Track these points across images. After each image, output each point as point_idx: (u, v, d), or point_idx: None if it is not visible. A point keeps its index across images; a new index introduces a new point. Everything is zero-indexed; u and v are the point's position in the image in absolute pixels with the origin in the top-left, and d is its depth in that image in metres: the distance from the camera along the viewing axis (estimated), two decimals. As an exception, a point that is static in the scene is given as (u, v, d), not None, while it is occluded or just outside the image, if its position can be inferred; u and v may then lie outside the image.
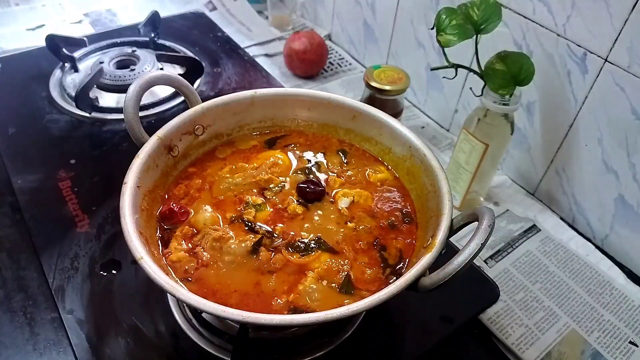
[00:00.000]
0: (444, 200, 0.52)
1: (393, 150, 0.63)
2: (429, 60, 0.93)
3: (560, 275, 0.71)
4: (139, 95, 0.56)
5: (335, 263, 0.52)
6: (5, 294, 0.62)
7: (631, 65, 0.63)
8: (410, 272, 0.44)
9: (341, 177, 0.62)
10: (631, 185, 0.69)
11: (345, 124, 0.66)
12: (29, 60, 0.99)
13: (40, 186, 0.75)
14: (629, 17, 0.62)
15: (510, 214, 0.80)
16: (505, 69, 0.65)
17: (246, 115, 0.65)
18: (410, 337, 0.61)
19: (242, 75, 1.01)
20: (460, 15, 0.66)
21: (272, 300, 0.48)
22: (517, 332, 0.64)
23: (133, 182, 0.51)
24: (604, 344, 0.64)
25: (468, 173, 0.75)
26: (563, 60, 0.70)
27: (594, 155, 0.72)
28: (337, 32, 1.17)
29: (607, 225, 0.75)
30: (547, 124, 0.77)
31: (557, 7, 0.68)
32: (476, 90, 0.71)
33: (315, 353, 0.56)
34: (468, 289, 0.63)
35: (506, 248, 0.75)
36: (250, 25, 1.21)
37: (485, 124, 0.71)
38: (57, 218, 0.70)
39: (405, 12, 0.94)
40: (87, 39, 1.00)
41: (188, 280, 0.49)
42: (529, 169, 0.83)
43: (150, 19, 1.04)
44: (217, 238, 0.52)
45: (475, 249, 0.43)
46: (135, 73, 0.92)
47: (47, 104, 0.90)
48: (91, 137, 0.85)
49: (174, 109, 0.91)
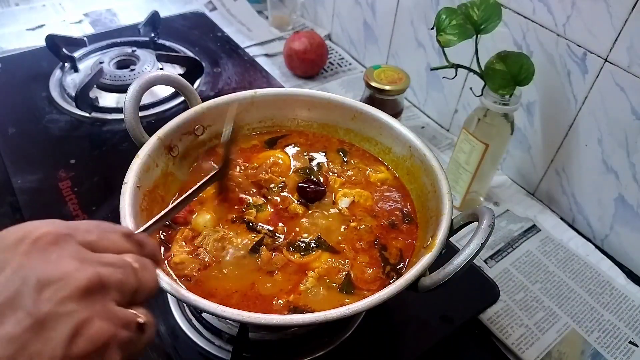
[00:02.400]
0: (444, 200, 0.52)
1: (393, 150, 0.63)
2: (429, 60, 0.93)
3: (560, 275, 0.71)
4: (139, 95, 0.56)
5: (336, 263, 0.52)
6: (5, 294, 0.62)
7: (631, 65, 0.63)
8: (410, 272, 0.44)
9: (341, 177, 0.62)
10: (631, 185, 0.69)
11: (345, 124, 0.66)
12: (29, 60, 0.99)
13: (40, 186, 0.75)
14: (629, 17, 0.62)
15: (510, 214, 0.80)
16: (505, 69, 0.65)
17: (246, 115, 0.65)
18: (410, 337, 0.61)
19: (242, 75, 1.01)
20: (460, 15, 0.66)
21: (273, 300, 0.48)
22: (517, 332, 0.64)
23: (133, 182, 0.51)
24: (603, 344, 0.64)
25: (468, 173, 0.75)
26: (563, 60, 0.70)
27: (594, 155, 0.72)
28: (337, 32, 1.17)
29: (607, 225, 0.75)
30: (547, 124, 0.77)
31: (557, 7, 0.68)
32: (476, 90, 0.71)
33: (316, 353, 0.56)
34: (468, 289, 0.63)
35: (506, 248, 0.75)
36: (250, 25, 1.21)
37: (485, 124, 0.71)
38: (58, 218, 0.70)
39: (405, 12, 0.94)
40: (87, 39, 1.00)
41: (188, 281, 0.49)
42: (529, 169, 0.83)
43: (150, 19, 1.04)
44: (218, 238, 0.52)
45: (475, 249, 0.43)
46: (135, 73, 0.92)
47: (47, 104, 0.90)
48: (91, 137, 0.85)
49: (174, 109, 0.91)
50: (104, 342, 0.26)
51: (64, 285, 0.26)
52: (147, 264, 0.33)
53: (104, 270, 0.28)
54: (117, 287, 0.29)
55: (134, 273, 0.30)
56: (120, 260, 0.30)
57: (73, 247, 0.29)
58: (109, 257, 0.30)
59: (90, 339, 0.25)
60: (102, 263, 0.29)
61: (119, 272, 0.29)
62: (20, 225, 0.29)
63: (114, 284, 0.28)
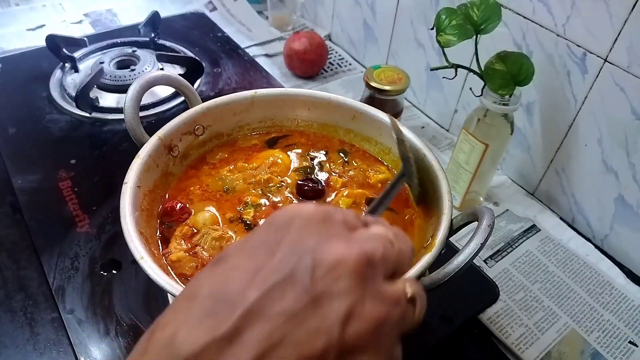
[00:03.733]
0: (443, 200, 0.52)
1: (393, 150, 0.63)
2: (428, 61, 0.93)
3: (560, 275, 0.71)
4: (139, 96, 0.56)
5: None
6: (6, 294, 0.62)
7: (631, 66, 0.63)
8: (410, 272, 0.44)
9: (343, 177, 0.62)
10: (631, 185, 0.69)
11: (345, 124, 0.66)
12: (29, 60, 0.99)
13: (40, 186, 0.75)
14: (628, 17, 0.62)
15: (510, 213, 0.80)
16: (505, 69, 0.65)
17: (246, 116, 0.65)
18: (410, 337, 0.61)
19: (242, 75, 1.02)
20: (460, 16, 0.66)
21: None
22: (516, 332, 0.64)
23: (133, 182, 0.51)
24: (603, 343, 0.64)
25: (468, 173, 0.75)
26: (563, 60, 0.70)
27: (594, 155, 0.72)
28: (337, 32, 1.17)
29: (606, 225, 0.75)
30: (546, 124, 0.77)
31: (557, 7, 0.69)
32: (476, 91, 0.71)
33: (315, 353, 0.56)
34: (468, 289, 0.63)
35: (506, 248, 0.75)
36: (250, 26, 1.22)
37: (485, 124, 0.71)
38: (57, 218, 0.70)
39: (405, 12, 0.94)
40: (87, 39, 1.00)
41: (188, 280, 0.49)
42: (529, 169, 0.83)
43: (151, 19, 1.05)
44: (216, 237, 0.52)
45: (475, 249, 0.43)
46: (135, 73, 0.92)
47: (47, 104, 0.90)
48: (91, 137, 0.85)
49: (174, 109, 0.91)
50: (379, 323, 0.25)
51: (337, 265, 0.25)
52: (399, 232, 0.31)
53: (368, 247, 0.27)
54: (382, 263, 0.28)
55: (392, 244, 0.29)
56: (376, 235, 0.29)
57: (338, 226, 0.28)
58: (366, 233, 0.29)
59: (365, 319, 0.25)
60: (364, 240, 0.28)
61: (380, 246, 0.28)
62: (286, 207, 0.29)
63: (379, 260, 0.27)
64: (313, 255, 0.25)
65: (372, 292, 0.26)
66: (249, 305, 0.24)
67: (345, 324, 0.24)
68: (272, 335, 0.23)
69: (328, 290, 0.25)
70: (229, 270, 0.26)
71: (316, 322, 0.24)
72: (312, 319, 0.24)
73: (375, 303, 0.25)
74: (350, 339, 0.24)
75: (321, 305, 0.24)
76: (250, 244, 0.27)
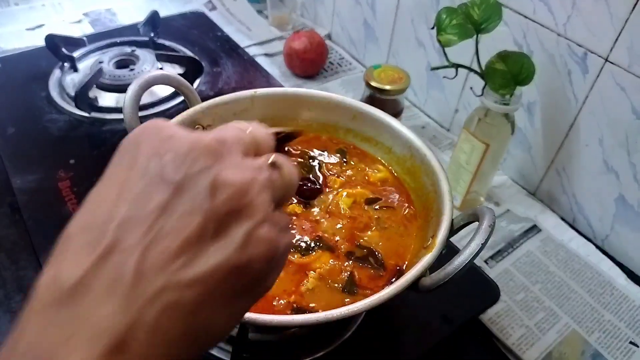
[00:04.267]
0: (444, 200, 0.51)
1: (393, 150, 0.63)
2: (429, 60, 0.93)
3: (561, 276, 0.71)
4: (139, 95, 0.56)
5: (337, 263, 0.52)
6: (5, 294, 0.62)
7: (632, 65, 0.63)
8: (410, 272, 0.44)
9: (341, 177, 0.61)
10: (632, 185, 0.69)
11: (345, 124, 0.66)
12: (29, 60, 0.99)
13: (39, 186, 0.75)
14: (629, 17, 0.61)
15: (511, 214, 0.80)
16: (506, 69, 0.65)
17: (246, 115, 0.65)
18: (410, 337, 0.61)
19: (242, 74, 1.01)
20: (461, 15, 0.66)
21: (273, 300, 0.48)
22: (517, 332, 0.64)
23: (133, 182, 0.51)
24: (604, 344, 0.64)
25: (468, 173, 0.74)
26: (563, 60, 0.70)
27: (595, 155, 0.72)
28: (337, 31, 1.17)
29: (607, 225, 0.75)
30: (547, 124, 0.77)
31: (558, 6, 0.68)
32: (476, 90, 0.71)
33: (315, 353, 0.56)
34: (468, 289, 0.63)
35: (507, 248, 0.75)
36: (250, 25, 1.21)
37: (486, 123, 0.71)
38: (57, 218, 0.70)
39: (406, 11, 0.94)
40: (86, 38, 1.00)
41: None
42: (530, 169, 0.83)
43: (150, 19, 1.04)
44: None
45: (476, 249, 0.43)
46: (134, 73, 0.92)
47: (46, 104, 0.89)
48: (91, 137, 0.84)
49: (173, 109, 0.91)
50: (243, 186, 0.26)
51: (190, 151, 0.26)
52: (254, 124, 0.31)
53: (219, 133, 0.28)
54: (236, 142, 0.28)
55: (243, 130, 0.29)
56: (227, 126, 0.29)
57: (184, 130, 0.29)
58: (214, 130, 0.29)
59: (229, 185, 0.25)
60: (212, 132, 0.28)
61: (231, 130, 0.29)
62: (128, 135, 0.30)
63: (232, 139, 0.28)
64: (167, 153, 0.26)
65: (231, 163, 0.27)
66: (120, 218, 0.24)
67: (212, 195, 0.25)
68: (150, 233, 0.24)
69: (189, 173, 0.25)
70: (92, 202, 0.27)
71: (187, 205, 0.25)
72: (182, 204, 0.25)
73: (236, 171, 0.26)
74: (220, 207, 0.25)
75: (187, 188, 0.25)
76: (105, 176, 0.29)
